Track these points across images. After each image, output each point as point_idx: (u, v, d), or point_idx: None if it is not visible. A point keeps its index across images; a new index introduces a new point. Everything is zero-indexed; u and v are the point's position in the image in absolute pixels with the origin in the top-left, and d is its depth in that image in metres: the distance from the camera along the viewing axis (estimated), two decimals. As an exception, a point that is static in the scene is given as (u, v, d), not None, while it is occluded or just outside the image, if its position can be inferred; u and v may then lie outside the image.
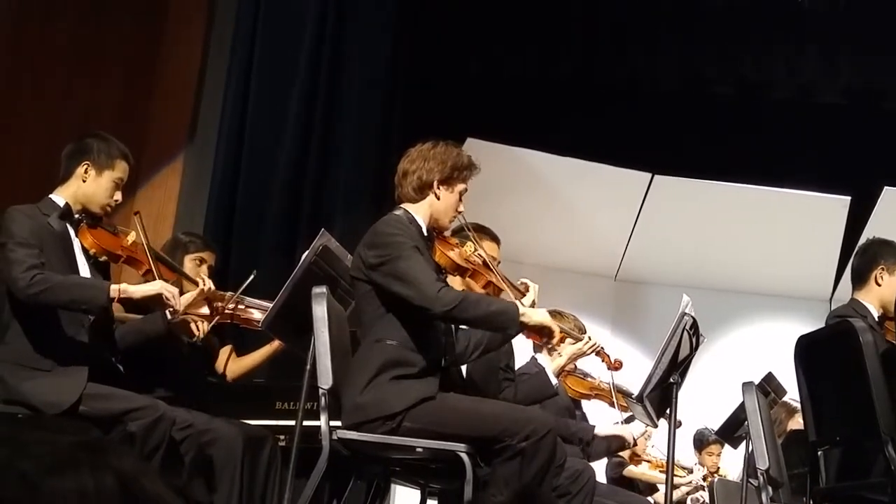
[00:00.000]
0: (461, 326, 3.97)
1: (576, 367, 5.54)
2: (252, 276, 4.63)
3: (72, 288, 3.77)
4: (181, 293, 4.01)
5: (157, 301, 3.92)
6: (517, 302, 3.87)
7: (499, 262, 4.65)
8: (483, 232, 4.68)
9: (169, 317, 4.06)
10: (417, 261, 3.64)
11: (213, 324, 4.39)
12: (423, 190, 3.86)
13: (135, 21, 7.12)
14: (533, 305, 4.17)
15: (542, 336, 3.78)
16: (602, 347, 5.16)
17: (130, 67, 7.09)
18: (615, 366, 5.33)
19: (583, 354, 5.19)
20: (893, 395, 3.39)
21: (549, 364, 5.24)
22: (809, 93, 8.61)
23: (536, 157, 8.39)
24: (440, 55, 8.32)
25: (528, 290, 4.21)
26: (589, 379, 5.75)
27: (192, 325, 4.25)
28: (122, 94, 7.00)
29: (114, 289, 3.78)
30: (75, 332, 3.83)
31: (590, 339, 5.05)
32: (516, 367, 5.29)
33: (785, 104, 8.63)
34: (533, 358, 5.45)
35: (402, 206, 3.89)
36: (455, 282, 4.41)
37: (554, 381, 5.17)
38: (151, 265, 3.99)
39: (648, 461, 7.41)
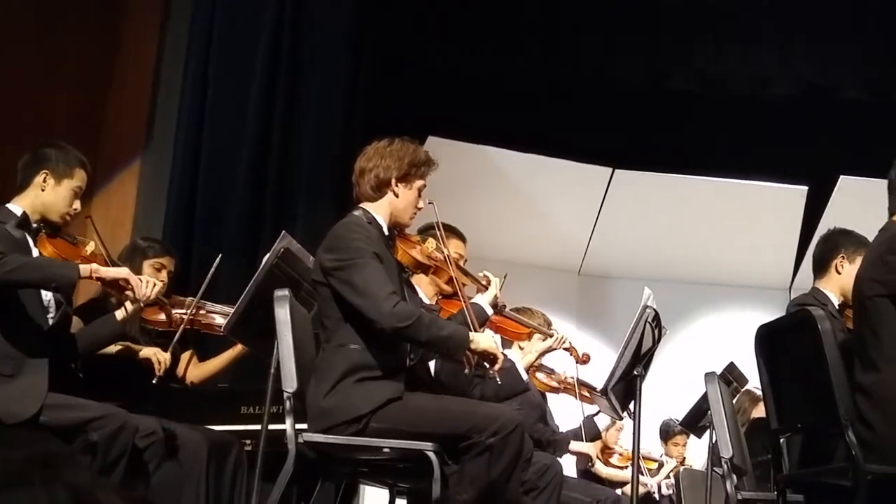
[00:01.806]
0: None
1: (542, 363, 5.57)
2: (217, 261, 4.61)
3: (42, 266, 3.75)
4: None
5: (123, 287, 3.89)
6: (469, 312, 3.88)
7: (465, 261, 4.66)
8: (449, 230, 4.68)
9: (129, 310, 4.03)
10: (374, 270, 3.61)
11: (177, 338, 4.38)
12: (381, 188, 3.84)
13: (89, 24, 7.04)
14: (496, 299, 4.18)
15: (485, 361, 3.78)
16: (570, 342, 5.21)
17: (85, 71, 7.01)
18: (583, 360, 5.38)
19: (551, 350, 5.23)
20: (852, 381, 3.43)
21: (520, 359, 5.26)
22: (765, 85, 8.68)
23: (498, 154, 8.40)
24: (401, 54, 8.31)
25: (490, 284, 4.22)
26: (556, 374, 5.79)
27: (154, 361, 4.26)
28: (77, 99, 6.92)
29: (85, 268, 3.76)
30: (35, 337, 3.79)
31: (558, 334, 5.10)
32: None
33: (741, 97, 8.69)
34: (502, 353, 5.47)
35: (361, 205, 3.87)
36: (421, 280, 4.42)
37: (525, 376, 5.19)
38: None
39: (620, 453, 7.46)
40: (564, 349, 5.28)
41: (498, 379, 3.90)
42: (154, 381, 4.32)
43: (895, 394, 3.33)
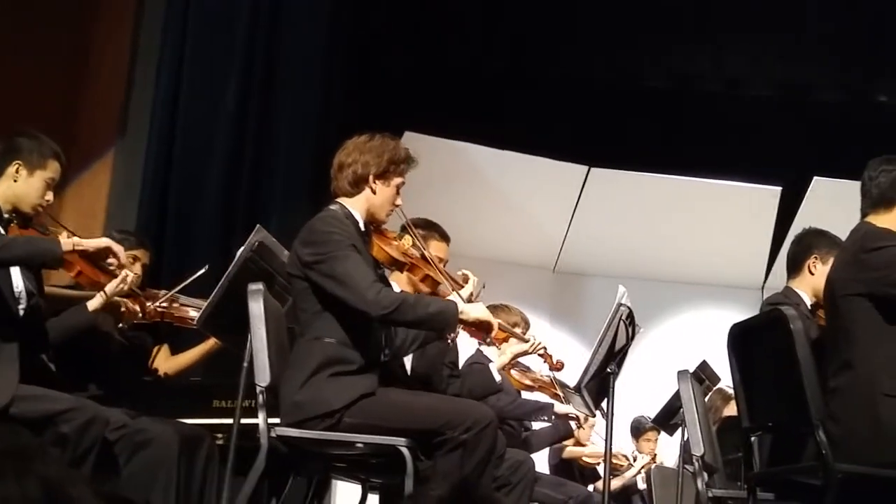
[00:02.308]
0: None
1: (517, 361, 5.58)
2: (203, 270, 4.59)
3: (26, 243, 3.70)
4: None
5: (106, 256, 3.86)
6: (457, 298, 3.88)
7: (447, 262, 4.64)
8: (433, 229, 4.68)
9: (94, 303, 4.00)
10: (355, 261, 3.60)
11: (145, 317, 4.34)
12: (358, 184, 3.82)
13: (64, 15, 6.99)
14: (472, 297, 4.18)
15: (480, 330, 3.79)
16: (545, 348, 5.20)
17: (59, 62, 6.96)
18: (557, 366, 5.38)
19: (525, 354, 5.23)
20: (823, 381, 3.45)
21: (495, 359, 5.28)
22: (740, 85, 8.74)
23: (474, 151, 8.42)
24: (377, 49, 8.30)
25: (467, 282, 4.22)
26: (530, 372, 5.80)
27: (120, 279, 4.15)
28: (51, 89, 6.87)
29: (67, 242, 3.72)
30: (5, 327, 3.75)
31: (534, 339, 5.09)
32: (462, 360, 5.32)
33: (717, 97, 8.76)
34: (478, 350, 5.48)
35: (338, 200, 3.85)
36: (401, 278, 4.41)
37: (498, 378, 5.20)
38: (82, 266, 3.94)
39: (592, 454, 7.48)
40: (539, 355, 5.28)
41: (497, 345, 3.85)
42: (121, 326, 4.25)
43: (867, 393, 3.35)
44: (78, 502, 0.90)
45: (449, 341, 3.91)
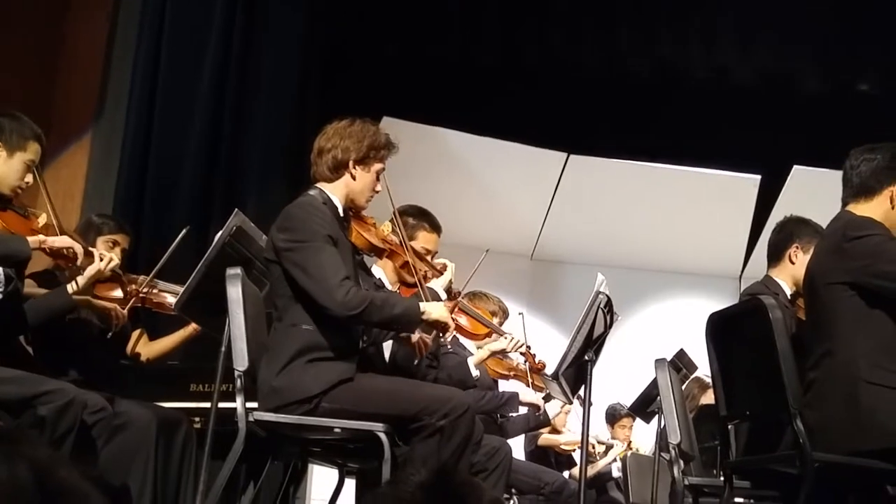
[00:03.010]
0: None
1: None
2: (184, 231, 4.57)
3: None
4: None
5: (67, 257, 3.86)
6: (436, 286, 3.88)
7: (435, 253, 4.62)
8: (423, 219, 4.67)
9: (80, 283, 3.98)
10: (328, 255, 3.58)
11: (128, 306, 4.33)
12: (338, 169, 3.80)
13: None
14: (450, 285, 4.18)
15: (436, 329, 3.80)
16: (528, 348, 5.19)
17: (35, 42, 6.90)
18: (538, 367, 5.37)
19: (504, 353, 5.23)
20: (802, 370, 3.46)
21: (474, 351, 5.28)
22: (720, 74, 8.74)
23: (453, 137, 8.40)
24: (356, 34, 8.26)
25: (445, 270, 4.22)
26: (507, 360, 5.80)
27: (112, 316, 4.20)
28: (27, 70, 6.81)
29: (34, 239, 3.73)
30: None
31: (516, 339, 5.09)
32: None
33: (696, 86, 8.75)
34: (455, 338, 5.48)
35: (317, 185, 3.83)
36: (387, 265, 4.40)
37: (475, 372, 5.20)
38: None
39: (569, 441, 7.51)
40: (521, 354, 5.28)
41: (449, 346, 3.90)
42: (108, 336, 4.27)
43: (847, 380, 3.36)
44: (67, 485, 0.90)
45: (442, 339, 3.92)
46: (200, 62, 6.98)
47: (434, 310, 3.73)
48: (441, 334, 3.84)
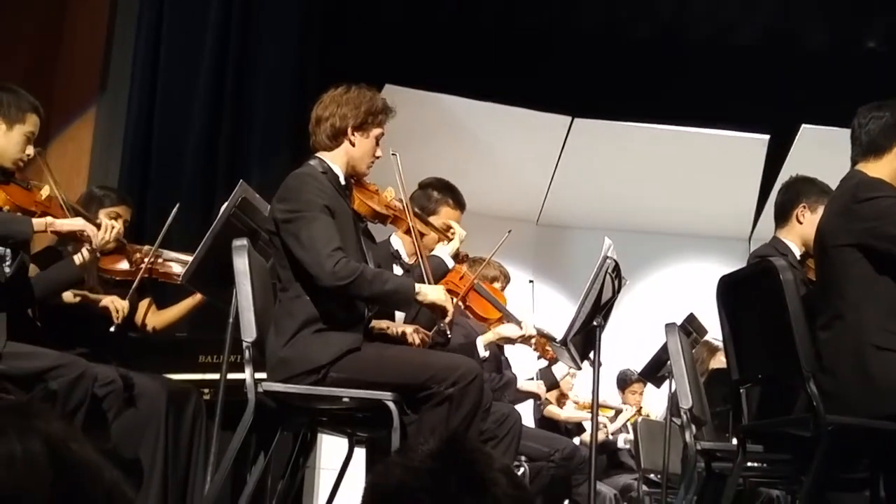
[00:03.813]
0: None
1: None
2: (174, 211, 4.56)
3: None
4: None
5: (80, 239, 3.85)
6: (442, 251, 3.86)
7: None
8: (450, 194, 4.64)
9: (86, 255, 3.97)
10: (321, 225, 3.56)
11: (135, 286, 4.33)
12: (337, 137, 3.77)
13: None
14: (458, 250, 4.15)
15: (435, 313, 3.77)
16: (539, 339, 5.10)
17: (37, 17, 6.88)
18: (551, 357, 5.29)
19: (511, 341, 5.11)
20: (813, 332, 3.43)
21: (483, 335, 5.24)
22: (727, 33, 8.67)
23: (456, 103, 8.37)
24: (354, 1, 8.21)
25: (453, 235, 4.19)
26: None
27: (112, 310, 4.21)
28: (30, 45, 6.80)
29: (39, 222, 3.71)
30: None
31: (529, 330, 4.96)
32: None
33: (702, 45, 8.68)
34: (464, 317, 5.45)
35: (317, 154, 3.81)
36: (405, 239, 4.38)
37: (484, 353, 5.16)
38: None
39: (575, 402, 7.52)
40: (532, 345, 5.16)
41: (448, 332, 3.89)
42: (112, 330, 4.29)
43: (856, 345, 3.33)
44: (80, 458, 0.89)
45: (442, 325, 3.88)
46: (202, 34, 6.98)
47: (431, 292, 3.69)
48: (439, 319, 3.80)
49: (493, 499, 1.35)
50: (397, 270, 4.50)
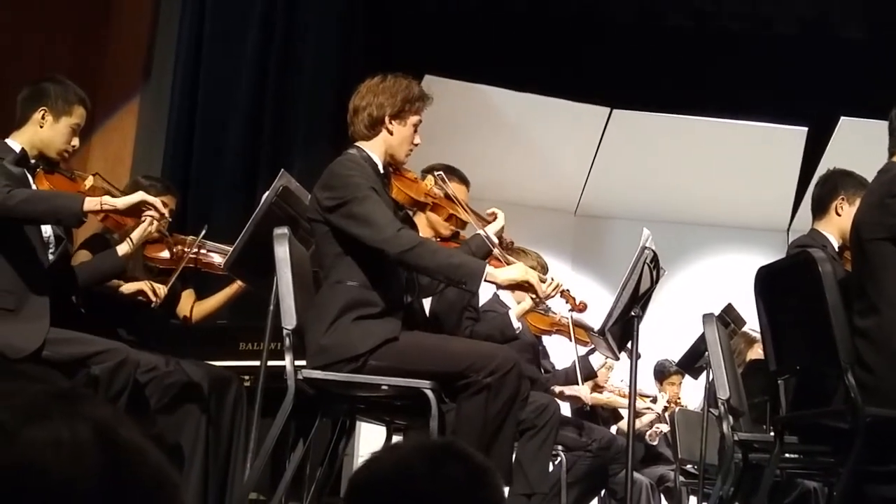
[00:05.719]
0: None
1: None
2: (203, 231, 4.59)
3: (49, 198, 3.67)
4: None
5: (142, 212, 3.77)
6: (485, 235, 3.87)
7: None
8: (451, 173, 4.64)
9: (138, 236, 4.00)
10: (374, 202, 3.57)
11: (176, 275, 4.37)
12: (374, 126, 3.78)
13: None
14: (500, 233, 4.14)
15: (522, 291, 3.77)
16: (567, 289, 5.12)
17: (83, 7, 6.95)
18: (580, 307, 5.32)
19: (547, 298, 5.13)
20: (851, 324, 3.42)
21: (514, 306, 5.26)
22: (765, 24, 8.60)
23: (495, 93, 8.36)
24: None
25: (495, 219, 4.18)
26: (550, 315, 5.78)
27: (149, 291, 4.24)
28: (76, 36, 6.87)
29: (93, 200, 3.59)
30: (36, 272, 3.75)
31: (554, 280, 4.97)
32: (480, 304, 5.32)
33: (741, 36, 8.63)
34: (495, 294, 5.47)
35: (356, 144, 3.83)
36: (420, 220, 4.39)
37: (517, 324, 5.18)
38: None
39: (611, 392, 7.50)
40: (560, 295, 5.19)
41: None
42: (153, 307, 4.31)
43: (892, 338, 3.32)
44: (130, 443, 0.91)
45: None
46: (245, 25, 7.02)
47: (506, 272, 3.61)
48: (534, 296, 3.75)
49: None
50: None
